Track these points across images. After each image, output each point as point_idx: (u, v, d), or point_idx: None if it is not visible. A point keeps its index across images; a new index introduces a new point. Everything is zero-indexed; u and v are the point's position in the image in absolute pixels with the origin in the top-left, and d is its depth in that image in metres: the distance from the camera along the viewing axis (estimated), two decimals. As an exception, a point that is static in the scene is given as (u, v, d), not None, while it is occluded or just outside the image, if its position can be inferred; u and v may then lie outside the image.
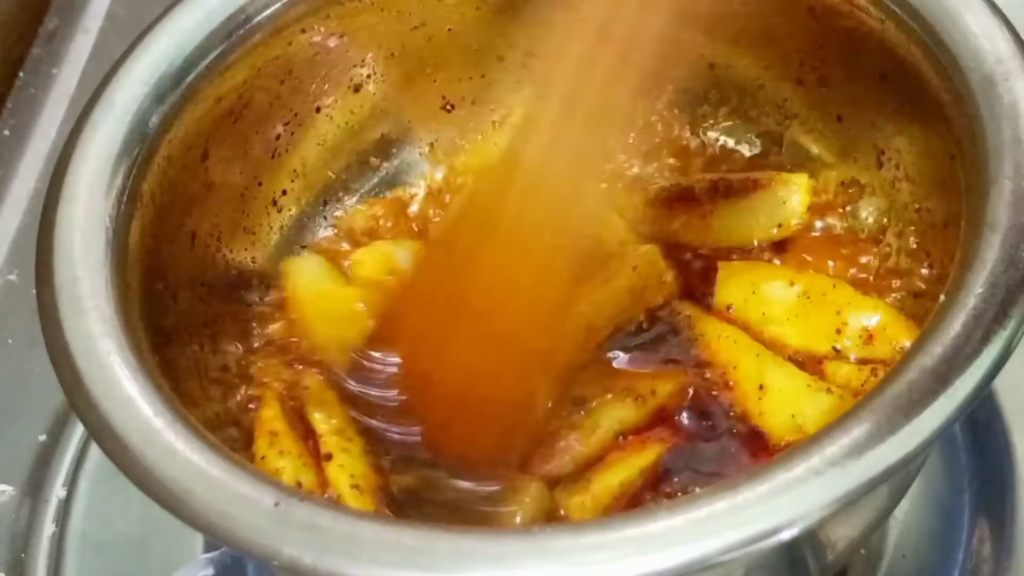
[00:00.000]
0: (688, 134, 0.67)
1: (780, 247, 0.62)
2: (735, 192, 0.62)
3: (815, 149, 0.64)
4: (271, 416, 0.57)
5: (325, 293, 0.63)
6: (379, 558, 0.42)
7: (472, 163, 0.68)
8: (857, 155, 0.62)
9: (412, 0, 0.64)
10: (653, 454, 0.56)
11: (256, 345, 0.62)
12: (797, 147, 0.65)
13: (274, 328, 0.63)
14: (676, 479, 0.55)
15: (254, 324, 0.62)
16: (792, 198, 0.61)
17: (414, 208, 0.68)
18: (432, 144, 0.69)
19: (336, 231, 0.67)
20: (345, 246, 0.66)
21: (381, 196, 0.68)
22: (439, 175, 0.69)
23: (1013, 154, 0.49)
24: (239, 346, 0.61)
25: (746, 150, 0.66)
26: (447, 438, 0.56)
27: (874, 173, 0.61)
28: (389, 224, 0.67)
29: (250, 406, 0.59)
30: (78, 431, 0.69)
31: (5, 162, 0.82)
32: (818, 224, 0.62)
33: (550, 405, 0.57)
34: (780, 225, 0.61)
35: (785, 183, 0.61)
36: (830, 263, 0.61)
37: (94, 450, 0.68)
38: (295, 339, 0.62)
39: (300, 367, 0.61)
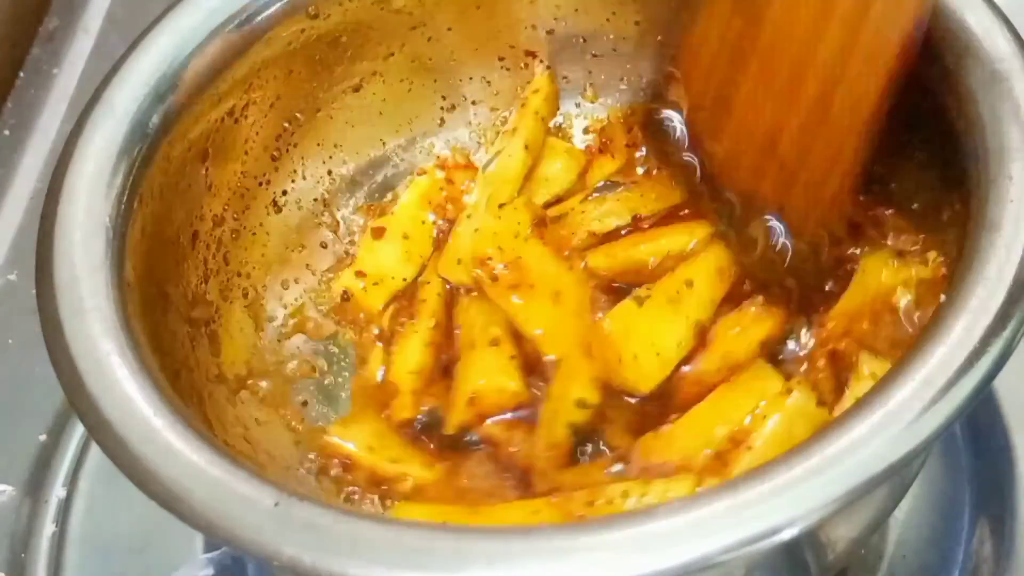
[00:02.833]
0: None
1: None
2: None
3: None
4: None
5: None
6: (379, 558, 0.42)
7: (472, 164, 0.69)
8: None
9: (412, 0, 0.64)
10: None
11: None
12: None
13: (276, 326, 0.63)
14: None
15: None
16: None
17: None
18: (432, 145, 0.69)
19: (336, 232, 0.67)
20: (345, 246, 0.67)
21: (381, 199, 0.68)
22: (440, 176, 0.68)
23: (1014, 154, 0.49)
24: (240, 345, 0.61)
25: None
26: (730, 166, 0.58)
27: (874, 173, 0.61)
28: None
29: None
30: (78, 431, 0.69)
31: (5, 162, 0.82)
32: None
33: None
34: None
35: None
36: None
37: (94, 450, 0.68)
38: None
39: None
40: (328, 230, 0.66)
